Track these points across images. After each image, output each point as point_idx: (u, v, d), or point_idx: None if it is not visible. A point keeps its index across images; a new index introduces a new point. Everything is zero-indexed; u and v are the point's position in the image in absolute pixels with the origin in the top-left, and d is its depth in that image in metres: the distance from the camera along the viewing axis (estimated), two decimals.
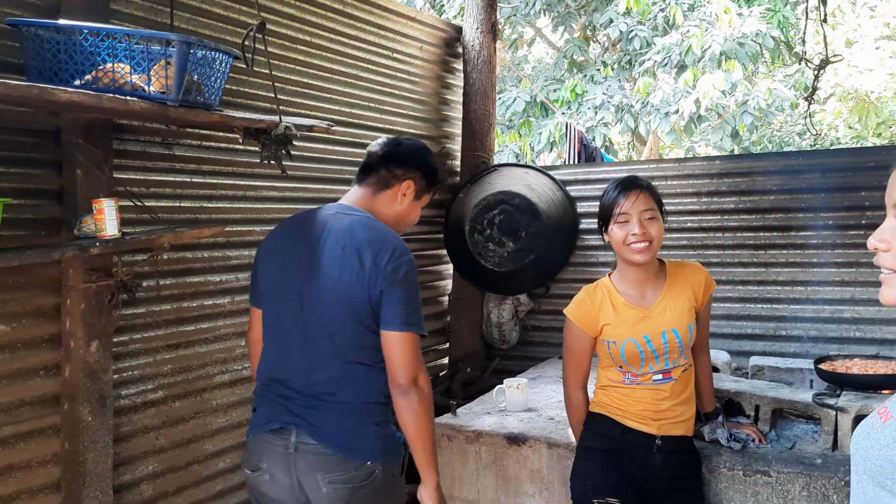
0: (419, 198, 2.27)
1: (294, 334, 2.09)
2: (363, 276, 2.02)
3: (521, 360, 4.56)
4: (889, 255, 1.12)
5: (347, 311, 2.03)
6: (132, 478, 2.72)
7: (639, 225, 2.26)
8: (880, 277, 1.15)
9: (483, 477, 2.94)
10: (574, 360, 2.41)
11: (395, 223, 2.24)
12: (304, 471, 2.02)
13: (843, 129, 10.56)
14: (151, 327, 2.79)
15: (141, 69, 2.05)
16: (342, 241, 2.07)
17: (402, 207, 2.24)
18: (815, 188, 3.90)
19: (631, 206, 2.27)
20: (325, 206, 2.22)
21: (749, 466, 2.53)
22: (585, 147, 6.30)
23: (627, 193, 2.29)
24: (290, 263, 2.11)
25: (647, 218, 2.28)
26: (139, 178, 2.73)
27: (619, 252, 2.34)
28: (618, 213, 2.29)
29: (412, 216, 2.29)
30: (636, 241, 2.26)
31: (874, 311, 3.79)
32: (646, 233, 2.26)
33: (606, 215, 2.34)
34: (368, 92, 3.96)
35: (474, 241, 4.26)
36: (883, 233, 1.14)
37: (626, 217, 2.28)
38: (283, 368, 2.11)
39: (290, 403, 2.07)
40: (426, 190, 2.28)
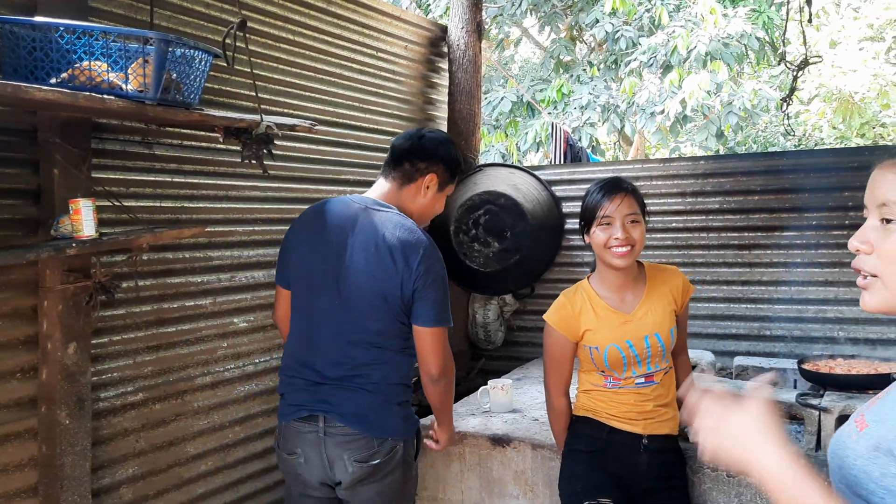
0: (442, 189, 2.40)
1: (327, 321, 2.26)
2: (396, 275, 2.20)
3: (507, 361, 4.55)
4: (871, 259, 1.07)
5: (381, 305, 2.22)
6: (111, 481, 2.68)
7: (621, 229, 2.24)
8: (860, 283, 1.09)
9: (467, 478, 2.93)
10: (555, 366, 2.40)
11: (420, 215, 2.38)
12: (333, 452, 2.22)
13: (827, 130, 10.62)
14: (131, 329, 2.76)
15: (118, 67, 2.01)
16: (375, 239, 2.23)
17: (426, 200, 2.37)
18: (799, 188, 3.91)
19: (615, 210, 2.25)
20: (351, 198, 2.36)
21: None
22: (571, 147, 6.30)
23: (612, 196, 2.27)
24: (323, 253, 2.28)
25: (630, 222, 2.26)
26: (119, 177, 2.69)
27: (600, 255, 2.32)
28: (601, 215, 2.27)
29: (436, 207, 2.43)
30: (618, 244, 2.24)
31: (857, 310, 3.80)
32: (628, 237, 2.24)
33: (589, 217, 2.31)
34: (353, 91, 3.93)
35: (459, 242, 4.24)
36: (865, 234, 1.09)
37: (608, 220, 2.26)
38: (315, 353, 2.28)
39: (318, 388, 2.26)
40: (450, 181, 2.41)
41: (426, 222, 2.44)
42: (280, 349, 3.38)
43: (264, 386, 3.33)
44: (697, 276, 4.12)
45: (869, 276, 1.08)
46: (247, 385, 3.24)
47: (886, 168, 1.09)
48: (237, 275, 3.20)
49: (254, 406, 3.28)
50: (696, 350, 3.71)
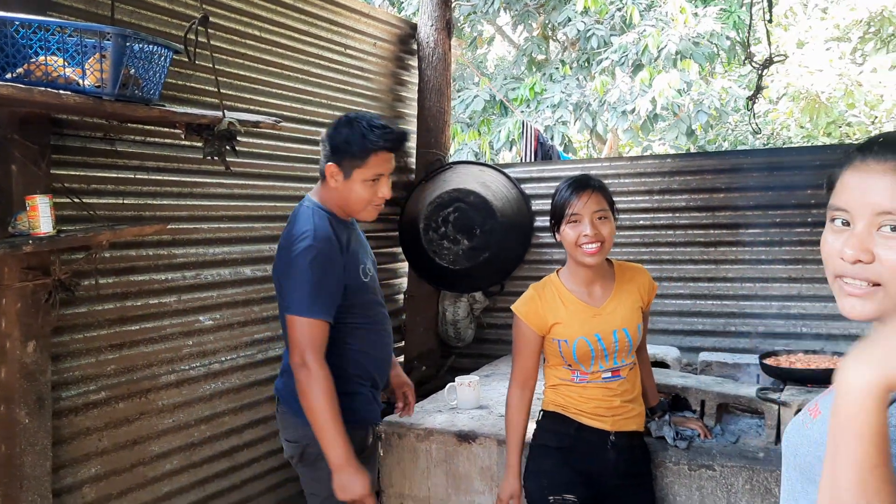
0: (350, 174, 2.30)
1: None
2: (276, 266, 2.35)
3: (477, 358, 4.57)
4: (873, 268, 1.00)
5: (278, 294, 2.36)
6: (73, 481, 2.65)
7: (591, 226, 2.25)
8: (856, 292, 1.02)
9: (433, 475, 2.94)
10: (520, 358, 2.41)
11: (341, 206, 2.36)
12: (280, 429, 2.47)
13: (794, 129, 10.76)
14: (93, 327, 2.73)
15: (75, 62, 1.99)
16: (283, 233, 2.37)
17: (339, 190, 2.33)
18: (764, 186, 3.97)
19: (583, 207, 2.26)
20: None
21: (694, 461, 2.56)
22: (542, 145, 6.33)
23: (580, 194, 2.28)
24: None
25: (599, 218, 2.27)
26: (79, 174, 2.66)
27: (570, 252, 2.33)
28: (570, 213, 2.27)
29: (354, 195, 2.33)
30: (588, 241, 2.25)
31: (820, 306, 3.87)
32: (598, 234, 2.26)
33: (559, 215, 2.32)
34: (320, 88, 3.92)
35: (429, 239, 4.25)
36: (862, 242, 1.00)
37: (577, 217, 2.27)
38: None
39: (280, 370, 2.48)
40: (354, 164, 2.29)
41: (359, 210, 2.37)
42: (246, 347, 3.37)
43: (230, 384, 3.31)
44: (664, 273, 4.16)
45: (869, 286, 1.01)
46: (212, 383, 3.22)
47: (882, 171, 1.00)
48: (202, 272, 3.18)
49: (220, 404, 3.26)
50: (662, 346, 3.74)
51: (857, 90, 9.49)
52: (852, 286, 1.03)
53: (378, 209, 2.41)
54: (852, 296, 1.03)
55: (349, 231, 2.44)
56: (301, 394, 2.21)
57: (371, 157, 2.29)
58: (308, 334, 2.21)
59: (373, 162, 2.29)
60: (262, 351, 3.46)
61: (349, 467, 2.17)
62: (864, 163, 1.02)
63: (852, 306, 1.03)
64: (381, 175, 2.33)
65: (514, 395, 2.42)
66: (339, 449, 2.17)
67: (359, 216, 2.42)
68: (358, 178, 2.30)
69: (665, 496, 2.60)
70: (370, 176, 2.31)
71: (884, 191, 0.99)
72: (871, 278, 1.01)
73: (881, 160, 1.01)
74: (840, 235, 1.04)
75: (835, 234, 1.05)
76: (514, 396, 2.42)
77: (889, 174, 0.99)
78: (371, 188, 2.32)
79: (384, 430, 3.02)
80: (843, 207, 1.04)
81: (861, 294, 1.02)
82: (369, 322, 2.47)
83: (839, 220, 1.05)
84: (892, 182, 0.99)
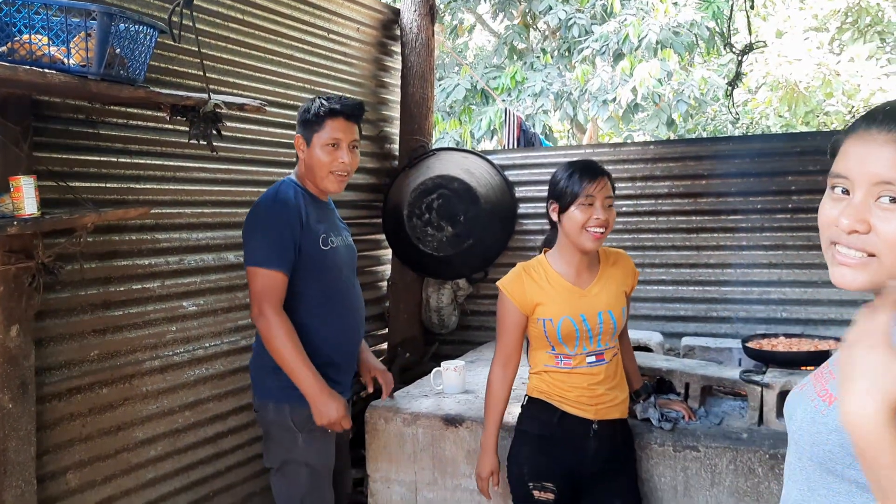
0: (311, 140, 2.53)
1: None
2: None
3: (460, 345, 4.58)
4: (870, 238, 0.99)
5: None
6: (57, 467, 2.63)
7: (602, 210, 2.27)
8: (847, 261, 1.01)
9: (420, 459, 2.94)
10: (504, 335, 2.41)
11: (312, 175, 2.56)
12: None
13: (773, 118, 10.86)
14: (76, 312, 2.69)
15: (60, 41, 1.96)
16: None
17: (305, 162, 2.56)
18: (745, 173, 4.00)
19: (598, 191, 2.27)
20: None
21: (679, 442, 2.59)
22: (524, 133, 6.33)
23: (596, 177, 2.29)
24: None
25: (608, 206, 2.31)
26: (61, 157, 2.62)
27: (571, 235, 2.31)
28: (584, 195, 2.27)
29: (315, 160, 2.52)
30: (597, 224, 2.27)
31: (800, 291, 3.92)
32: (607, 219, 2.29)
33: (568, 197, 2.29)
34: (303, 73, 3.90)
35: (413, 226, 4.24)
36: (860, 212, 0.99)
37: (591, 201, 2.27)
38: None
39: None
40: (314, 128, 2.52)
41: (323, 177, 2.54)
42: (230, 333, 3.35)
43: (214, 370, 3.29)
44: (647, 260, 4.19)
45: (864, 256, 1.00)
46: (196, 369, 3.20)
47: (884, 141, 0.99)
48: (186, 257, 3.15)
49: (204, 391, 3.24)
50: (644, 331, 3.78)
51: (834, 80, 9.60)
52: (845, 256, 1.01)
53: (342, 180, 2.58)
54: (844, 265, 1.01)
55: (320, 207, 2.62)
56: (266, 342, 2.43)
57: (327, 121, 2.50)
58: (264, 285, 2.40)
59: (329, 126, 2.50)
60: (245, 337, 3.44)
61: (322, 395, 2.42)
62: (868, 131, 1.01)
63: (842, 275, 1.02)
64: (339, 140, 2.52)
65: (495, 373, 2.44)
66: (310, 381, 2.41)
67: (323, 184, 2.57)
68: (317, 143, 2.51)
69: (650, 477, 2.62)
70: (328, 140, 2.50)
71: (885, 160, 0.97)
72: (867, 248, 0.99)
73: (884, 130, 0.99)
74: (838, 204, 1.02)
75: (833, 201, 1.04)
76: (496, 374, 2.44)
77: (891, 144, 0.98)
78: (331, 153, 2.51)
79: (370, 416, 3.02)
80: (843, 174, 1.02)
81: (854, 264, 1.00)
82: (325, 297, 2.55)
83: (839, 188, 1.04)
84: (893, 152, 0.97)
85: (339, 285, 2.61)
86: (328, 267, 2.56)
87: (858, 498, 1.00)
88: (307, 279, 2.51)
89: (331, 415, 2.43)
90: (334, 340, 2.59)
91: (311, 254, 2.49)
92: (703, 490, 2.55)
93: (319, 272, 2.53)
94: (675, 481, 2.59)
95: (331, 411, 2.43)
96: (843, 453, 1.00)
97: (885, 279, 0.99)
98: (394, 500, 3.00)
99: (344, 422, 2.48)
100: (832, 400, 1.05)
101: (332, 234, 2.60)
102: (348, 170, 2.56)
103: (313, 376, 2.42)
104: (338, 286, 2.60)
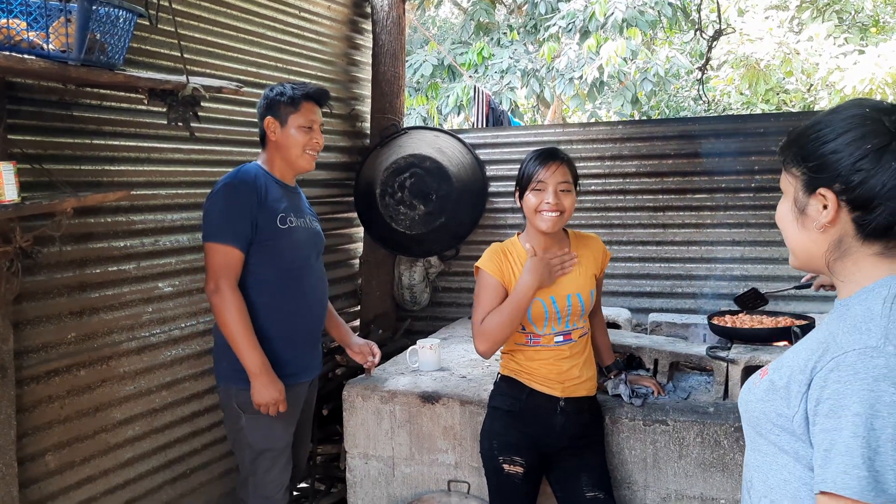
0: (286, 123, 2.63)
1: None
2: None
3: (432, 321, 4.65)
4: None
5: None
6: (36, 448, 2.64)
7: (553, 195, 2.35)
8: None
9: (397, 435, 3.01)
10: (486, 308, 2.40)
11: (287, 154, 2.66)
12: None
13: (734, 96, 11.03)
14: (53, 294, 2.69)
15: (38, 26, 1.95)
16: None
17: (276, 143, 2.65)
18: (710, 153, 4.09)
19: (549, 176, 2.36)
20: None
21: (648, 416, 2.69)
22: (493, 110, 6.37)
23: (548, 164, 2.38)
24: None
25: (562, 190, 2.38)
26: (35, 139, 2.60)
27: (530, 218, 2.42)
28: (535, 180, 2.37)
29: (291, 140, 2.64)
30: (548, 209, 2.35)
31: (762, 268, 4.04)
32: (559, 203, 2.35)
33: (524, 182, 2.42)
34: (275, 52, 3.88)
35: (385, 205, 4.27)
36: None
37: (542, 186, 2.37)
38: None
39: None
40: (288, 112, 2.63)
41: (297, 157, 2.66)
42: (205, 313, 3.37)
43: (191, 350, 3.31)
44: (615, 238, 4.28)
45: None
46: (173, 350, 3.22)
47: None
48: (161, 239, 3.16)
49: (181, 370, 3.26)
50: (613, 308, 3.87)
51: (794, 58, 9.77)
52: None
53: (314, 158, 2.71)
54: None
55: (285, 190, 2.69)
56: (217, 317, 2.53)
57: (303, 105, 2.64)
58: (219, 260, 2.50)
59: (304, 108, 2.65)
60: None
61: (262, 376, 2.52)
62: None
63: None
64: (313, 122, 2.67)
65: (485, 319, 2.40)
66: (253, 360, 2.50)
67: (297, 164, 2.68)
68: (293, 124, 2.63)
69: (621, 450, 2.72)
70: (304, 122, 2.64)
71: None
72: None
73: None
74: None
75: None
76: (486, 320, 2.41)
77: None
78: (306, 133, 2.65)
79: (348, 393, 3.07)
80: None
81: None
82: (280, 276, 2.63)
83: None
84: None
85: (297, 265, 2.68)
86: (285, 246, 2.63)
87: (781, 458, 1.16)
88: (263, 256, 2.59)
89: (266, 396, 2.53)
90: (289, 319, 2.67)
91: (267, 230, 2.58)
92: (672, 462, 2.66)
93: (275, 250, 2.61)
94: (644, 454, 2.70)
95: (267, 393, 2.53)
96: (765, 420, 1.18)
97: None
98: (371, 476, 3.07)
99: (280, 405, 2.57)
100: (765, 374, 1.23)
101: (291, 215, 2.66)
102: (319, 149, 2.73)
103: (258, 356, 2.52)
104: (295, 266, 2.67)
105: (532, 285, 2.34)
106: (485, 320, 2.38)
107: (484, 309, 2.40)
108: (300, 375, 2.76)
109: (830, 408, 1.04)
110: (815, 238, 1.18)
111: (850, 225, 1.14)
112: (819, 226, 1.16)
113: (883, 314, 1.08)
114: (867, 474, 0.99)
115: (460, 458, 2.93)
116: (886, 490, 0.98)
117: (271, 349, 2.61)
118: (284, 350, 2.67)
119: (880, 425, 0.99)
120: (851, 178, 1.11)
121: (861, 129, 1.11)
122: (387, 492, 3.05)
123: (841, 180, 1.12)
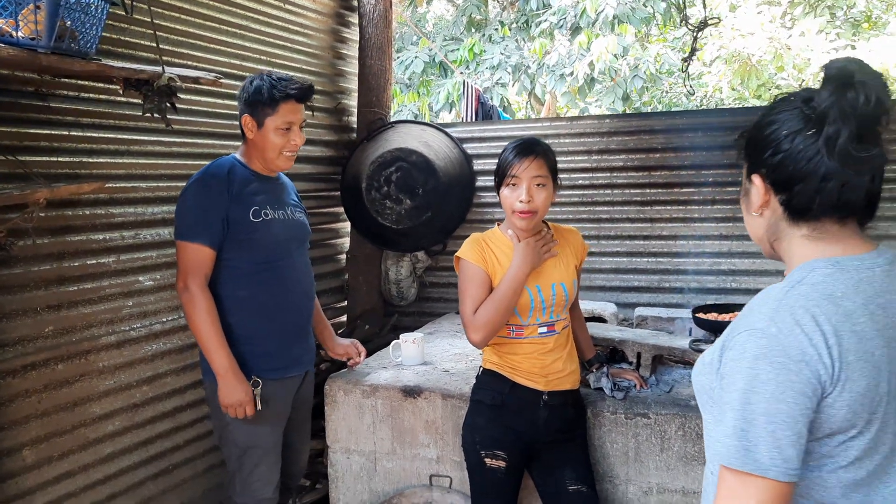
0: (263, 123, 2.54)
1: None
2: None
3: (419, 317, 4.62)
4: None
5: None
6: (13, 443, 2.61)
7: (526, 191, 2.31)
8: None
9: (379, 429, 2.99)
10: (475, 296, 2.36)
11: (260, 157, 2.60)
12: None
13: (727, 91, 11.02)
14: (30, 287, 2.66)
15: (7, 14, 1.92)
16: None
17: (254, 142, 2.58)
18: (697, 146, 4.08)
19: (523, 171, 2.31)
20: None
21: (630, 410, 2.67)
22: (483, 105, 6.35)
23: (522, 158, 2.32)
24: None
25: (537, 184, 2.33)
26: (11, 131, 2.57)
27: (507, 214, 2.41)
28: (510, 174, 2.33)
29: (268, 142, 2.56)
30: (521, 208, 2.32)
31: (749, 262, 4.03)
32: (531, 201, 2.31)
33: (500, 176, 2.39)
34: (259, 44, 3.85)
35: (371, 199, 4.24)
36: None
37: (516, 181, 2.33)
38: None
39: None
40: (265, 111, 2.53)
41: (274, 158, 2.59)
42: None
43: (172, 345, 3.28)
44: (602, 232, 4.26)
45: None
46: (154, 344, 3.19)
47: None
48: (141, 232, 3.13)
49: (162, 365, 3.23)
50: (599, 302, 3.86)
51: (786, 53, 9.77)
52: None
53: (292, 158, 2.64)
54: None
55: (265, 183, 2.65)
56: (186, 317, 2.50)
57: (281, 105, 2.52)
58: (189, 259, 2.47)
59: (283, 109, 2.53)
60: None
61: (228, 376, 2.49)
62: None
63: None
64: (291, 123, 2.56)
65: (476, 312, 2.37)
66: (220, 360, 2.48)
67: (275, 164, 2.62)
68: (271, 126, 2.54)
69: (603, 444, 2.71)
70: (282, 124, 2.54)
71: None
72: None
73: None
74: None
75: None
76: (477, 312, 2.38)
77: None
78: (284, 136, 2.55)
79: (329, 388, 3.05)
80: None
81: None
82: (256, 270, 2.59)
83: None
84: None
85: (275, 258, 2.63)
86: (260, 239, 2.58)
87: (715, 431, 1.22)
88: (238, 251, 2.55)
89: (231, 398, 2.50)
90: (271, 313, 2.62)
91: (239, 225, 2.53)
92: (654, 455, 2.64)
93: (251, 244, 2.57)
94: (626, 447, 2.68)
95: (233, 394, 2.50)
96: (703, 392, 1.31)
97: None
98: (353, 470, 3.05)
99: (248, 407, 2.53)
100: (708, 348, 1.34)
101: (268, 207, 2.61)
102: (297, 149, 2.65)
103: (224, 356, 2.49)
104: (273, 259, 2.63)
105: (525, 269, 2.33)
106: (479, 310, 2.33)
107: (473, 299, 2.36)
108: (289, 369, 2.72)
109: (723, 384, 1.18)
110: (758, 221, 1.31)
111: (780, 207, 1.26)
112: (755, 208, 1.29)
113: (777, 297, 1.18)
114: (739, 443, 1.12)
115: (442, 452, 2.90)
116: (758, 460, 1.10)
117: (252, 344, 2.59)
118: (267, 343, 2.63)
119: (756, 400, 1.11)
120: (772, 160, 1.24)
121: (784, 115, 1.24)
122: (369, 486, 3.03)
123: (765, 164, 1.26)
